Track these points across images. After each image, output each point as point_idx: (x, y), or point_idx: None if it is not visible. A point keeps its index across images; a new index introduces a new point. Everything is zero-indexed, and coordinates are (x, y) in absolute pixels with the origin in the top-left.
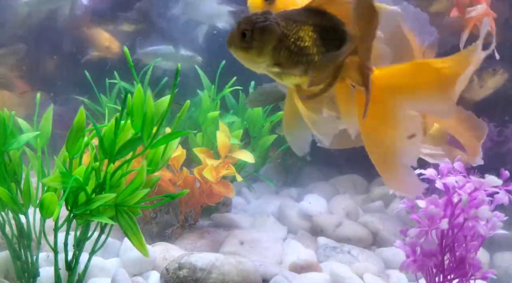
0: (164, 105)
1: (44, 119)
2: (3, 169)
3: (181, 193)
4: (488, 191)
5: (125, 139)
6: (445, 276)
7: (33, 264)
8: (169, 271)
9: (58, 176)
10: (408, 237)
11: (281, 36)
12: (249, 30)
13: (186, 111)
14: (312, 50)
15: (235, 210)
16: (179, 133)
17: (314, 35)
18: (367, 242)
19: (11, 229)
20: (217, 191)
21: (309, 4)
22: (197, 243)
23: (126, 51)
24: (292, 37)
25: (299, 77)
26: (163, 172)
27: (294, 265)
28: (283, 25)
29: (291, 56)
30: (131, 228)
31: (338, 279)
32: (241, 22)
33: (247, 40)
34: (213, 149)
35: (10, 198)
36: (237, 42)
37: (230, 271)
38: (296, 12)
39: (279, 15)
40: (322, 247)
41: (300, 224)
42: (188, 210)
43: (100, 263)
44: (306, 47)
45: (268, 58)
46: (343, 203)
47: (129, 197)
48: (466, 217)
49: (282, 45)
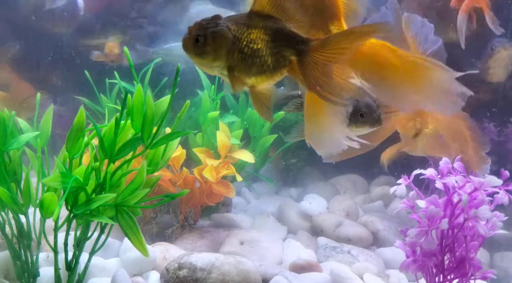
0: (164, 105)
1: (44, 119)
2: (3, 169)
3: (181, 193)
4: (488, 191)
5: (125, 139)
6: (445, 276)
7: (33, 264)
8: (169, 271)
9: (58, 176)
10: (408, 237)
11: (233, 39)
12: (202, 35)
13: (186, 111)
14: (265, 52)
15: (235, 210)
16: (179, 133)
17: (266, 37)
18: (367, 242)
19: (11, 229)
20: (217, 191)
21: (252, 9)
22: (197, 243)
23: (126, 51)
24: (244, 40)
25: (256, 78)
26: (163, 172)
27: (294, 265)
28: (234, 29)
29: (245, 58)
30: (131, 228)
31: (338, 279)
32: (192, 28)
33: (200, 46)
34: (213, 149)
35: (10, 198)
36: (191, 48)
37: (230, 271)
38: (245, 17)
39: (229, 19)
40: (322, 247)
41: (300, 224)
42: (188, 210)
43: (100, 263)
44: (259, 49)
45: (223, 61)
46: (343, 203)
47: (129, 197)
48: (466, 217)
49: (235, 48)
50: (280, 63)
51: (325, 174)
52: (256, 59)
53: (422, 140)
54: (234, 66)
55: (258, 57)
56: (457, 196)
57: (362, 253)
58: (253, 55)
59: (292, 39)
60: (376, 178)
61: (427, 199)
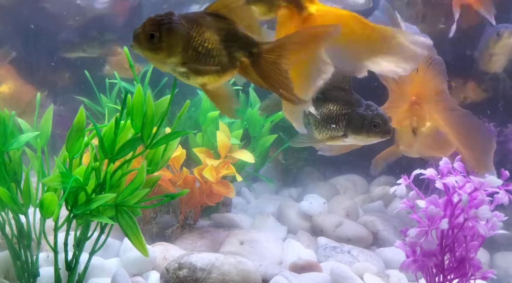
0: (164, 105)
1: (44, 119)
2: (3, 169)
3: (181, 193)
4: (488, 191)
5: (125, 139)
6: (445, 276)
7: (33, 264)
8: (169, 271)
9: (58, 176)
10: (408, 237)
11: (188, 37)
12: (157, 31)
13: (186, 111)
14: (218, 52)
15: (235, 210)
16: (179, 133)
17: (218, 38)
18: (367, 242)
19: (11, 229)
20: (217, 191)
21: (207, 10)
22: (197, 243)
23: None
24: (198, 39)
25: (207, 77)
26: (163, 172)
27: (294, 265)
28: (188, 27)
29: (199, 57)
30: (131, 228)
31: (338, 279)
32: (146, 23)
33: (156, 41)
34: (213, 149)
35: (10, 198)
36: (145, 43)
37: (230, 271)
38: (199, 16)
39: (183, 17)
40: (322, 247)
41: (300, 224)
42: (188, 210)
43: (100, 263)
44: (212, 48)
45: (177, 58)
46: (343, 203)
47: (129, 197)
48: (466, 217)
49: (189, 46)
50: (231, 63)
51: (325, 174)
52: (210, 59)
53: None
54: (187, 63)
55: (211, 56)
56: (457, 196)
57: (362, 253)
58: (207, 54)
59: (244, 41)
60: (376, 178)
61: (427, 199)
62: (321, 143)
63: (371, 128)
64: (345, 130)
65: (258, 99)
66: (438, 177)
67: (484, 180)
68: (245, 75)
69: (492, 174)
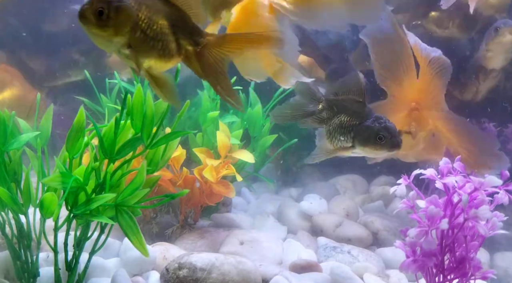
0: (164, 105)
1: (44, 119)
2: (3, 169)
3: (181, 193)
4: (488, 191)
5: (125, 139)
6: (445, 276)
7: (33, 264)
8: (169, 271)
9: (58, 176)
10: (408, 237)
11: (137, 18)
12: (105, 8)
13: (186, 111)
14: (165, 37)
15: (235, 210)
16: (179, 133)
17: (167, 23)
18: (367, 242)
19: (11, 229)
20: (217, 191)
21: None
22: (197, 243)
23: None
24: (147, 21)
25: (153, 61)
26: (163, 172)
27: (294, 265)
28: (137, 8)
29: (146, 39)
30: (131, 228)
31: (338, 279)
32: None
33: (104, 19)
34: (213, 149)
35: (10, 198)
36: (92, 19)
37: (230, 271)
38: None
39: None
40: (322, 247)
41: (300, 224)
42: (188, 210)
43: (100, 263)
44: (160, 33)
45: (124, 38)
46: (343, 203)
47: (129, 197)
48: (466, 217)
49: (137, 28)
50: (177, 50)
51: (325, 174)
52: (157, 43)
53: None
54: (134, 45)
55: (158, 40)
56: (457, 196)
57: (362, 253)
58: (154, 38)
59: (191, 29)
60: (376, 178)
61: (427, 199)
62: (334, 154)
63: (377, 141)
64: (352, 142)
65: (258, 99)
66: (438, 177)
67: (484, 180)
68: (188, 64)
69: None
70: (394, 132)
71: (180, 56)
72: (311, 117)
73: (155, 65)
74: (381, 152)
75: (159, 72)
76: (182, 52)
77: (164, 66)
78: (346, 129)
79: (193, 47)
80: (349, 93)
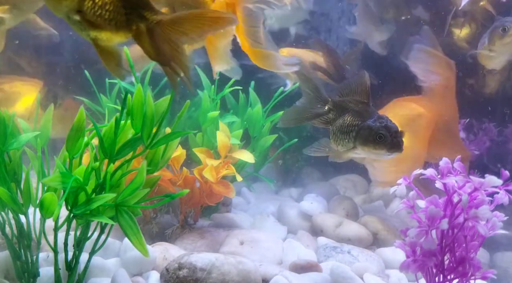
0: (164, 105)
1: (44, 119)
2: (3, 169)
3: (181, 193)
4: (488, 191)
5: (125, 139)
6: (445, 276)
7: (33, 264)
8: (169, 271)
9: (58, 176)
10: (408, 237)
11: None
12: None
13: (186, 111)
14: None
15: (235, 210)
16: (179, 133)
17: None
18: (367, 242)
19: (11, 229)
20: (217, 191)
21: None
22: (197, 243)
23: (126, 51)
24: None
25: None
26: (163, 172)
27: (294, 265)
28: None
29: (95, 8)
30: (131, 228)
31: (338, 279)
32: None
33: None
34: (213, 149)
35: (10, 198)
36: None
37: (230, 271)
38: None
39: None
40: (322, 247)
41: (300, 224)
42: (188, 210)
43: (100, 263)
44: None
45: (73, 3)
46: (343, 203)
47: (129, 197)
48: (466, 217)
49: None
50: (127, 25)
51: (325, 174)
52: (106, 13)
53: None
54: (82, 11)
55: (108, 11)
56: (457, 196)
57: (362, 253)
58: (103, 8)
59: (145, 6)
60: None
61: (427, 199)
62: (335, 153)
63: (377, 140)
64: (354, 142)
65: (258, 99)
66: (438, 177)
67: (484, 180)
68: (138, 42)
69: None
70: (394, 132)
71: (131, 31)
72: (318, 119)
73: (101, 36)
74: (381, 152)
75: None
76: (133, 28)
77: (112, 38)
78: (348, 129)
79: (144, 23)
80: (355, 93)
